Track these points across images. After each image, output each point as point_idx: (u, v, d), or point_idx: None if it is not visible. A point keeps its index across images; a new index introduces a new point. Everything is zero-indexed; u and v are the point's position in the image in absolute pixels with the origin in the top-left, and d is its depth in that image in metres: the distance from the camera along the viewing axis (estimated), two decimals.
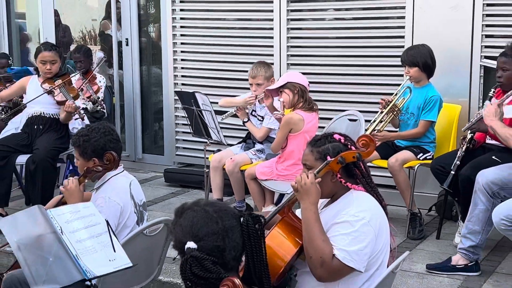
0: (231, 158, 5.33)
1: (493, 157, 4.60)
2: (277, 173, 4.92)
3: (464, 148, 4.71)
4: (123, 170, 3.79)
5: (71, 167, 5.75)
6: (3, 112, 6.16)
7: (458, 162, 4.65)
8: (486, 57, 5.06)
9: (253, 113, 5.47)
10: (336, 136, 3.02)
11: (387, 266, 2.99)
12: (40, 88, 5.65)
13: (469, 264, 4.37)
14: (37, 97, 5.60)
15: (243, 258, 2.32)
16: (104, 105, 6.13)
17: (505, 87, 4.49)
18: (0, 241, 5.00)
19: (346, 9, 6.06)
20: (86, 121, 5.70)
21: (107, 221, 3.13)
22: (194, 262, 2.18)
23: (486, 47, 5.46)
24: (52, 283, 2.92)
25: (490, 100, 4.67)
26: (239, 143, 5.69)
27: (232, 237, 2.23)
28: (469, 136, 4.75)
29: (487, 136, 4.82)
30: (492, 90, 4.79)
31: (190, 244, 2.20)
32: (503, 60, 4.63)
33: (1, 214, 5.47)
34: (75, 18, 8.16)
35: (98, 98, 5.82)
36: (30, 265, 2.94)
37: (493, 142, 4.78)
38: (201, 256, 2.18)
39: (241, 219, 2.29)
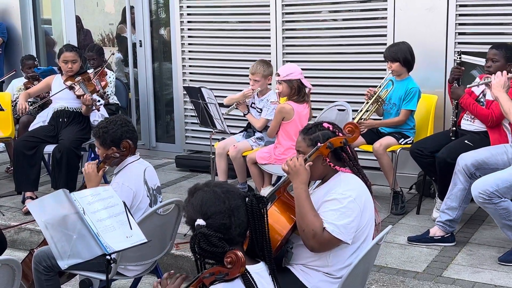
0: (234, 145, 5.34)
1: (466, 141, 4.64)
2: (274, 157, 4.93)
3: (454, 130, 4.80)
4: (139, 158, 3.79)
5: (93, 155, 5.75)
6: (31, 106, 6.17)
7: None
8: (462, 52, 5.04)
9: (253, 105, 5.47)
10: (325, 125, 3.03)
11: (372, 239, 3.00)
12: (63, 85, 5.65)
13: (445, 236, 4.40)
14: (59, 92, 5.62)
15: (248, 234, 2.33)
16: (108, 99, 6.09)
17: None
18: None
19: (335, 11, 6.04)
20: (105, 114, 5.71)
21: (124, 202, 3.14)
22: (202, 238, 2.19)
23: (459, 43, 5.45)
24: (76, 257, 2.93)
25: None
26: (241, 132, 5.69)
27: (238, 216, 2.24)
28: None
29: (461, 122, 4.84)
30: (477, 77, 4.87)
31: (200, 222, 2.21)
32: (494, 52, 4.63)
33: (31, 197, 5.48)
34: (95, 23, 8.14)
35: (105, 92, 5.81)
36: (56, 242, 2.95)
37: (467, 127, 4.80)
38: (209, 233, 2.18)
39: (246, 199, 2.29)
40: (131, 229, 3.02)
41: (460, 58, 4.95)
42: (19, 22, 8.16)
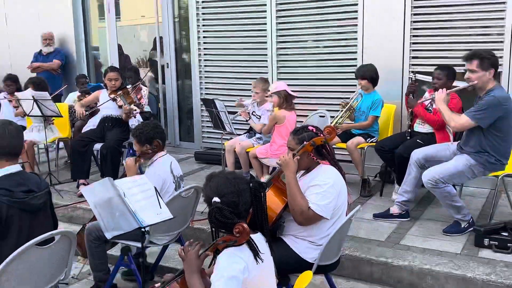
0: (239, 144, 5.34)
1: (418, 140, 4.65)
2: (270, 153, 4.93)
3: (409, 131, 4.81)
4: (166, 153, 3.79)
5: (131, 151, 5.75)
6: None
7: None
8: (416, 72, 5.05)
9: (253, 113, 5.48)
10: (310, 127, 3.05)
11: (346, 215, 3.00)
12: (108, 97, 5.65)
13: (402, 213, 4.41)
14: (105, 102, 5.62)
15: (251, 211, 2.33)
16: (145, 107, 6.08)
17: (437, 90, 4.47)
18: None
19: (318, 41, 6.03)
20: (140, 120, 5.71)
21: (155, 187, 3.15)
22: (217, 211, 2.20)
23: (412, 65, 5.44)
24: (118, 230, 2.95)
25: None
26: (245, 133, 5.69)
27: (244, 196, 2.25)
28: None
29: (414, 125, 4.84)
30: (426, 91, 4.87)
31: (215, 199, 2.22)
32: (438, 72, 4.63)
33: (84, 183, 5.48)
34: (132, 50, 8.14)
35: (140, 103, 5.81)
36: (103, 218, 2.97)
37: (419, 129, 4.80)
38: (222, 207, 2.20)
39: (251, 184, 2.31)
40: (161, 208, 3.04)
41: (415, 76, 4.96)
42: (74, 49, 8.16)
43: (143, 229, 2.91)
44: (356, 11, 5.67)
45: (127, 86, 5.98)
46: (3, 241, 2.59)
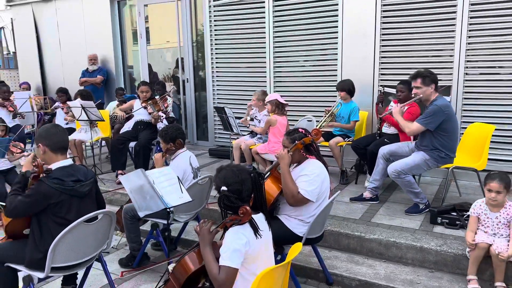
0: (244, 142, 5.32)
1: (385, 139, 4.63)
2: (268, 149, 4.92)
3: (378, 132, 4.80)
4: (186, 150, 3.79)
5: (158, 148, 5.76)
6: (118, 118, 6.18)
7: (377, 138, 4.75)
8: (384, 86, 5.05)
9: (255, 119, 5.47)
10: (300, 130, 3.04)
11: (328, 198, 3.00)
12: (140, 105, 5.65)
13: (372, 197, 4.40)
14: (138, 110, 5.63)
15: (252, 196, 2.33)
16: (170, 114, 6.08)
17: (401, 101, 4.47)
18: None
19: (306, 61, 6.02)
20: (166, 123, 5.70)
21: (178, 177, 3.15)
22: (225, 197, 2.20)
23: (381, 80, 5.43)
24: (148, 210, 2.95)
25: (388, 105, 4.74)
26: (248, 134, 5.67)
27: (247, 184, 2.25)
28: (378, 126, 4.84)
29: (382, 128, 4.83)
30: (392, 101, 4.83)
31: (223, 188, 2.22)
32: (401, 86, 4.62)
33: (121, 173, 5.48)
34: (160, 68, 8.12)
35: (166, 110, 5.81)
36: (136, 201, 2.98)
37: (386, 131, 4.80)
38: (229, 194, 2.20)
39: (252, 174, 2.30)
40: (182, 192, 3.04)
41: (383, 89, 4.96)
42: (113, 67, 8.16)
43: (168, 209, 2.93)
44: (336, 37, 5.66)
45: (156, 97, 5.99)
46: (56, 220, 2.59)
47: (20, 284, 2.76)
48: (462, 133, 4.65)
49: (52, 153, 2.68)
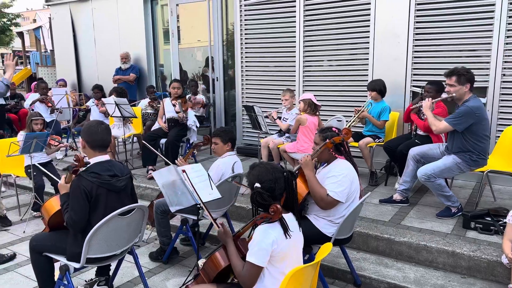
0: (272, 141, 5.31)
1: (416, 141, 4.53)
2: (297, 148, 4.89)
3: (414, 133, 4.69)
4: (234, 154, 3.77)
5: (188, 145, 5.83)
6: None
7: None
8: (414, 86, 4.93)
9: (283, 117, 5.46)
10: (333, 128, 3.04)
11: (359, 199, 2.97)
12: (170, 103, 5.73)
13: (403, 199, 4.32)
14: (168, 108, 5.70)
15: (284, 194, 2.33)
16: (186, 120, 6.05)
17: None
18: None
19: (337, 60, 5.95)
20: (197, 122, 5.77)
21: (208, 173, 3.17)
22: (258, 194, 2.21)
23: (413, 80, 5.30)
24: (179, 205, 2.98)
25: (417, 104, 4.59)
26: (277, 133, 5.66)
27: (279, 182, 2.25)
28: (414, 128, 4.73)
29: (417, 129, 4.72)
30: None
31: (257, 185, 2.23)
32: (428, 87, 4.52)
33: (152, 169, 5.58)
34: (190, 66, 8.23)
35: (184, 116, 5.78)
36: (168, 196, 3.02)
37: (419, 131, 4.68)
38: (262, 191, 2.20)
39: (284, 173, 2.30)
40: (212, 189, 3.06)
41: (422, 90, 4.82)
42: (145, 65, 8.31)
43: (198, 205, 2.94)
44: (368, 37, 5.57)
45: (187, 95, 6.07)
46: (94, 212, 2.68)
47: (56, 272, 2.86)
48: (498, 136, 4.48)
49: (91, 150, 2.76)
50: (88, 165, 2.69)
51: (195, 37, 8.03)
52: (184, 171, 2.88)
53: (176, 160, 3.71)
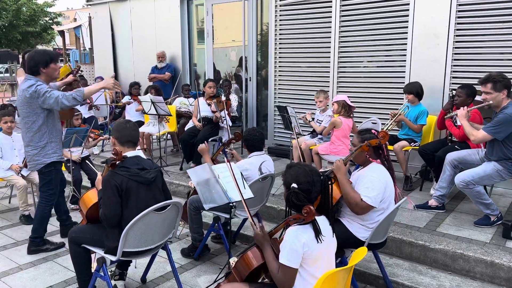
0: (305, 142, 5.29)
1: (456, 146, 4.39)
2: (330, 150, 4.85)
3: (450, 138, 4.58)
4: (263, 154, 3.76)
5: (219, 144, 5.87)
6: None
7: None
8: (453, 89, 4.80)
9: (316, 119, 5.42)
10: (373, 131, 3.01)
11: (395, 204, 2.91)
12: (205, 102, 5.80)
13: (439, 206, 4.21)
14: (202, 107, 5.76)
15: (318, 197, 2.32)
16: (231, 113, 6.12)
17: (457, 106, 4.28)
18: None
19: (372, 62, 5.86)
20: (229, 121, 5.81)
21: (241, 173, 3.19)
22: (294, 194, 2.21)
23: (452, 83, 5.15)
24: (213, 203, 3.02)
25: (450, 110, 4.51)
26: (309, 134, 5.63)
27: (316, 185, 2.24)
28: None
29: (453, 136, 4.59)
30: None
31: (294, 185, 2.22)
32: (459, 91, 4.41)
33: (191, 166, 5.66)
34: (223, 66, 8.29)
35: (221, 117, 5.82)
36: (202, 193, 3.06)
37: (453, 139, 4.55)
38: (298, 192, 2.20)
39: (321, 177, 2.29)
40: (245, 188, 3.08)
41: (451, 93, 4.70)
42: (180, 64, 8.45)
43: (231, 204, 2.97)
44: (405, 38, 5.45)
45: (222, 96, 6.12)
46: (126, 206, 2.74)
47: (93, 264, 2.96)
48: None
49: (120, 145, 2.88)
50: (125, 157, 2.77)
51: (229, 37, 8.10)
52: (230, 164, 2.90)
53: (202, 144, 3.71)
